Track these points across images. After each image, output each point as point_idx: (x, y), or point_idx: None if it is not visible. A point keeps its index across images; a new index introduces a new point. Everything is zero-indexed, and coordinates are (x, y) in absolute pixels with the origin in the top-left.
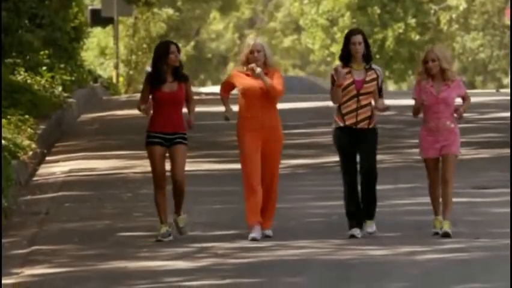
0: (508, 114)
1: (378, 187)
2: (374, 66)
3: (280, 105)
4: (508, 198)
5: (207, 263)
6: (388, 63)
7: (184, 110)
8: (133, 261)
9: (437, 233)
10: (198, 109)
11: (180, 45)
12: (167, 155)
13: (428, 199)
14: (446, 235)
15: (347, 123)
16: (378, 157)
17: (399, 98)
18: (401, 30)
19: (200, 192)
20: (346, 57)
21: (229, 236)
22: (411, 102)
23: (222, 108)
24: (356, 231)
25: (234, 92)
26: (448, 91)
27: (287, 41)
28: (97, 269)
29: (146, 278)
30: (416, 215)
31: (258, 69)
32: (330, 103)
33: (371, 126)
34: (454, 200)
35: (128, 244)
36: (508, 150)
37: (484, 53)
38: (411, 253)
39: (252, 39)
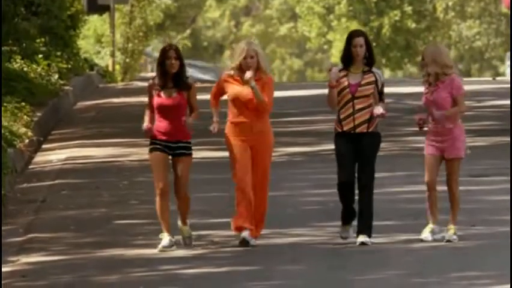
0: (504, 102)
1: (375, 175)
2: (373, 69)
3: (276, 93)
4: (504, 186)
5: (204, 251)
6: (384, 51)
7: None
8: (130, 249)
9: (422, 240)
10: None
11: (175, 33)
12: (170, 161)
13: (425, 187)
14: (449, 241)
15: (345, 129)
16: None
17: (395, 86)
18: (397, 18)
19: (197, 179)
20: (347, 59)
21: (225, 224)
22: (407, 90)
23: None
24: (345, 233)
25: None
26: (437, 92)
27: (283, 29)
28: (93, 256)
29: (142, 265)
30: (413, 203)
31: (253, 83)
32: (326, 90)
33: (370, 130)
34: None
35: (125, 232)
36: (505, 138)
37: (481, 41)
38: (407, 241)
39: (246, 43)
